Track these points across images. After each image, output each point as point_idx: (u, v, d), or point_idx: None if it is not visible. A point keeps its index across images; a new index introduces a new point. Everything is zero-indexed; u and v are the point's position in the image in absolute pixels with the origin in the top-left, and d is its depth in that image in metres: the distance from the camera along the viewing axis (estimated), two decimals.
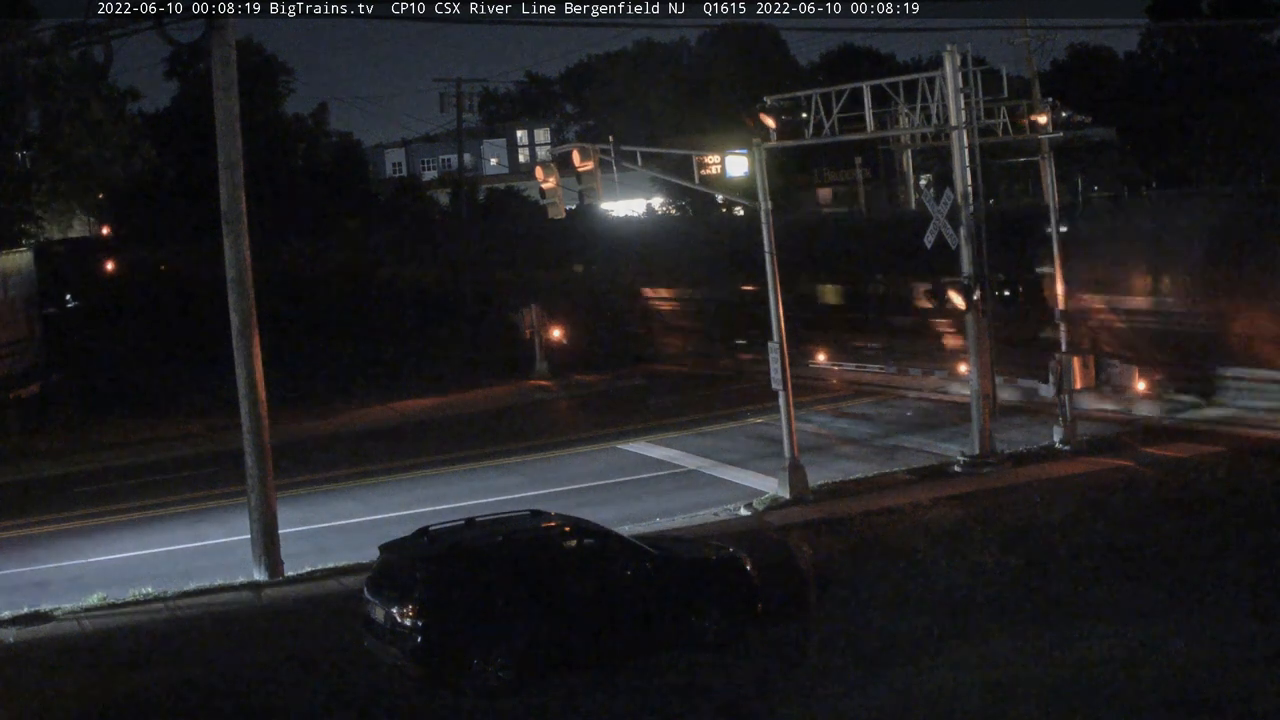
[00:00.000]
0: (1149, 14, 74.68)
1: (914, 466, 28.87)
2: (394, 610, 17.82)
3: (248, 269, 24.00)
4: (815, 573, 22.09)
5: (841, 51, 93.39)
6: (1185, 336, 33.44)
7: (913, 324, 42.24)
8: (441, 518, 22.49)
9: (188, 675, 19.39)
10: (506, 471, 31.88)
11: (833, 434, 33.54)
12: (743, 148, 28.93)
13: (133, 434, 39.65)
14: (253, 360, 24.08)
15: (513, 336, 48.35)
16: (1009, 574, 21.14)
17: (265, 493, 24.22)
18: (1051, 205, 31.46)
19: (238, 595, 23.28)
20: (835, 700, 16.66)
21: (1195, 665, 16.74)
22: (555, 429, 37.02)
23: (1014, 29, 45.86)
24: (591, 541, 18.95)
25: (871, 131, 29.03)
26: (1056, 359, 29.83)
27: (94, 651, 20.74)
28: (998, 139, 30.41)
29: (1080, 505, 25.00)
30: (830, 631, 19.26)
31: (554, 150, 78.86)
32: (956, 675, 16.99)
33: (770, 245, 27.28)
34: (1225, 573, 20.26)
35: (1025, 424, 32.12)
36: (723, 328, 50.37)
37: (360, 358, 50.97)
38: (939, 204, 28.33)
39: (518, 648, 17.82)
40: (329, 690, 18.26)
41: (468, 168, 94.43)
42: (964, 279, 27.96)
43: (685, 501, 27.67)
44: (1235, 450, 28.08)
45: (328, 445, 36.73)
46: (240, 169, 23.88)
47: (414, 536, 19.22)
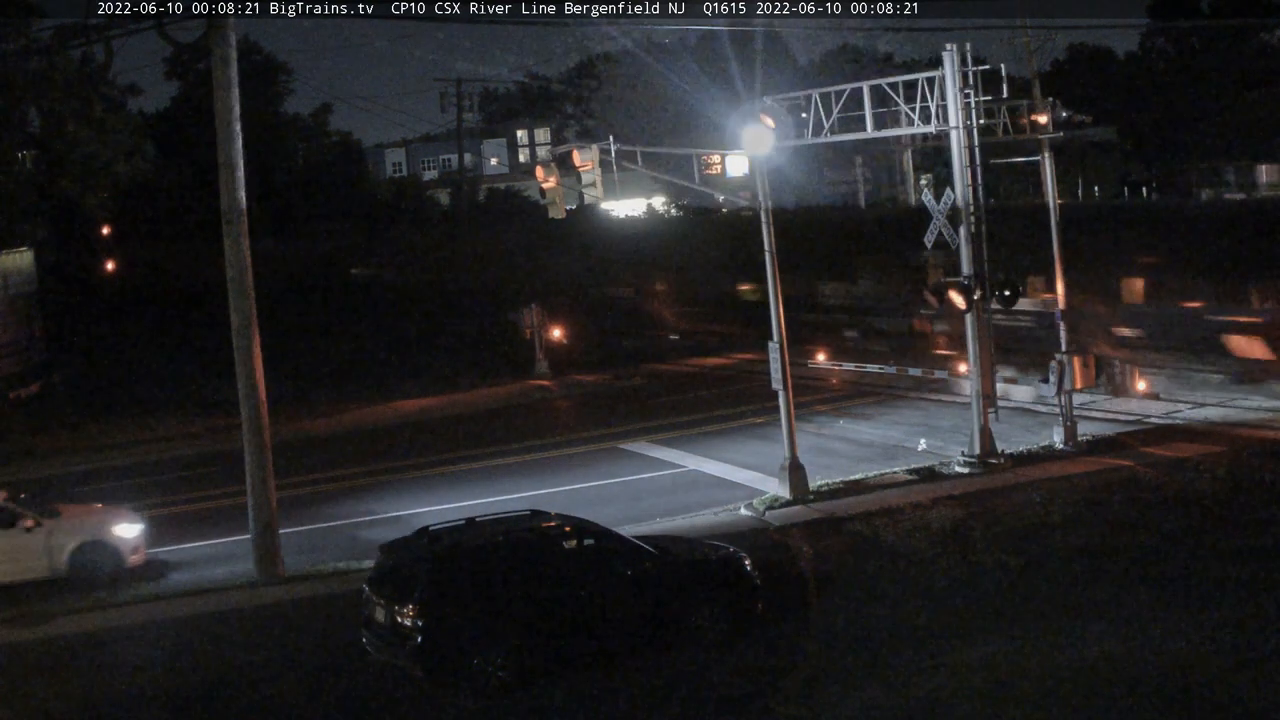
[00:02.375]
0: (1149, 14, 74.83)
1: (914, 466, 28.86)
2: (394, 610, 17.82)
3: (248, 269, 23.99)
4: (815, 572, 22.11)
5: (841, 51, 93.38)
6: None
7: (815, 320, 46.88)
8: (441, 518, 22.53)
9: (188, 675, 19.41)
10: (506, 471, 31.87)
11: (833, 434, 33.53)
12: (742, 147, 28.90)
13: (133, 434, 39.63)
14: (253, 360, 24.08)
15: (513, 336, 48.34)
16: (1009, 574, 21.14)
17: (265, 493, 24.22)
18: (1051, 205, 31.45)
19: (238, 595, 23.29)
20: (836, 700, 16.67)
21: (1195, 665, 16.75)
22: (555, 429, 37.01)
23: (1014, 29, 45.78)
24: (591, 541, 18.94)
25: (871, 131, 29.01)
26: (1056, 359, 29.83)
27: (94, 651, 20.75)
28: (998, 139, 30.38)
29: (1080, 505, 25.01)
30: (830, 631, 19.27)
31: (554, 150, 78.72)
32: (956, 675, 17.00)
33: (770, 245, 27.28)
34: (1225, 573, 20.25)
35: (1025, 424, 32.12)
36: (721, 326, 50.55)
37: (360, 357, 50.97)
38: (939, 204, 28.32)
39: (518, 648, 17.83)
40: (329, 690, 18.28)
41: (468, 168, 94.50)
42: (964, 279, 27.94)
43: (685, 501, 27.66)
44: (1235, 450, 28.08)
45: (328, 445, 36.73)
46: (240, 169, 23.87)
47: (414, 536, 19.23)
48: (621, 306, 61.67)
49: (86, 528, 25.09)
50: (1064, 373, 29.48)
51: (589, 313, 56.56)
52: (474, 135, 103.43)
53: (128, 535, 25.15)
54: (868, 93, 28.16)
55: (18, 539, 24.33)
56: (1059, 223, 31.09)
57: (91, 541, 24.79)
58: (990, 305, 28.40)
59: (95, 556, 24.70)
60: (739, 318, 50.47)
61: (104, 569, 24.64)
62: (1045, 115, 30.28)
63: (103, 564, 24.71)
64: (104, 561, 24.74)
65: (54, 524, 24.81)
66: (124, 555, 24.96)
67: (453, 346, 52.64)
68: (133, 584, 24.30)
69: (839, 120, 28.63)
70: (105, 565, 24.71)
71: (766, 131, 27.39)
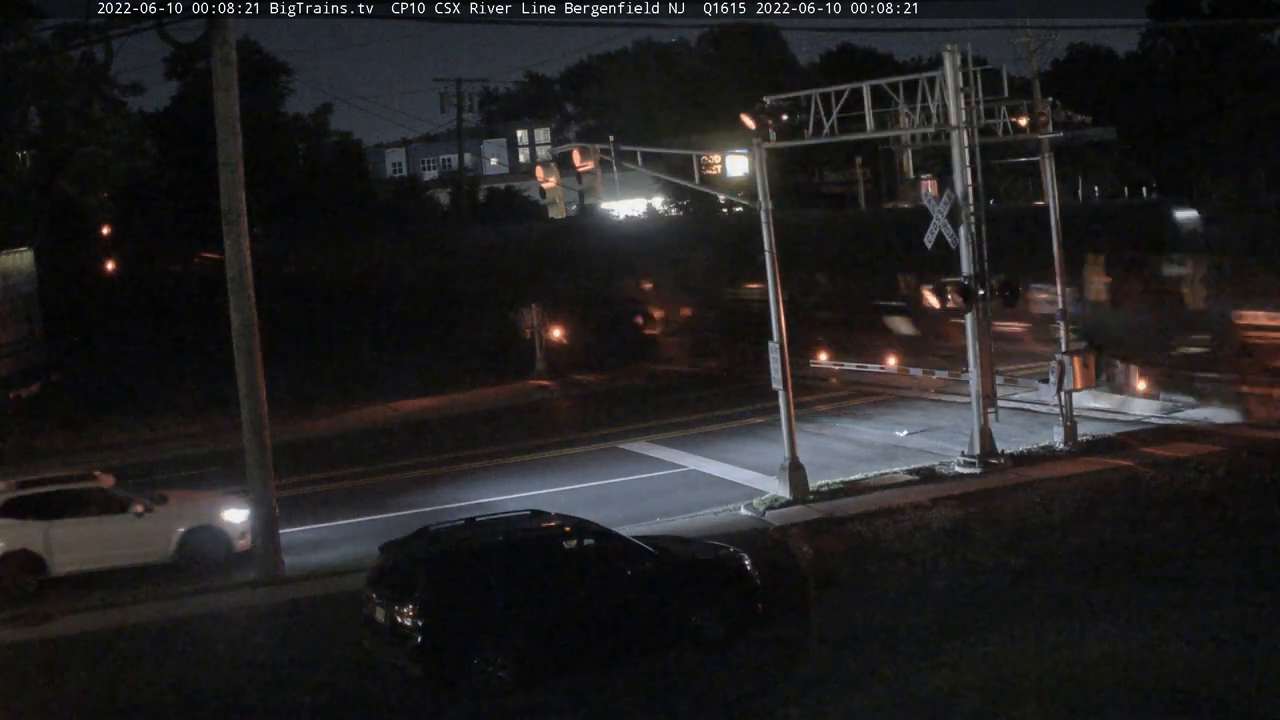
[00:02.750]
0: (1149, 14, 74.76)
1: (914, 466, 28.86)
2: (394, 610, 17.82)
3: (248, 269, 24.00)
4: (815, 572, 22.11)
5: (841, 51, 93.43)
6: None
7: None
8: (441, 518, 22.53)
9: (188, 675, 19.41)
10: (506, 471, 31.87)
11: (833, 434, 33.53)
12: (743, 148, 28.92)
13: (133, 434, 39.62)
14: (253, 360, 24.07)
15: (513, 336, 48.33)
16: (1009, 574, 21.14)
17: (265, 493, 24.23)
18: (1051, 205, 31.46)
19: (237, 595, 23.29)
20: (836, 700, 16.66)
21: (1195, 665, 16.74)
22: (555, 429, 37.00)
23: (1014, 29, 45.81)
24: (591, 541, 18.95)
25: (871, 131, 29.00)
26: (1057, 359, 29.83)
27: (94, 651, 20.75)
28: (998, 139, 30.38)
29: (1080, 505, 25.01)
30: (830, 631, 19.27)
31: (554, 150, 78.80)
32: (956, 675, 16.98)
33: (770, 245, 27.28)
34: (1225, 573, 20.26)
35: (1026, 424, 32.12)
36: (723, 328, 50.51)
37: (360, 357, 50.94)
38: (939, 204, 28.31)
39: (518, 648, 17.84)
40: (329, 690, 18.27)
41: (468, 168, 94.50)
42: (964, 279, 27.93)
43: (685, 501, 27.66)
44: (1235, 450, 28.07)
45: (328, 445, 36.72)
46: (240, 169, 23.87)
47: (414, 536, 19.23)
48: (622, 306, 61.62)
49: (195, 513, 25.52)
50: (1064, 373, 29.47)
51: (589, 312, 56.51)
52: (474, 135, 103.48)
53: (235, 520, 25.45)
54: (868, 92, 28.15)
55: (129, 525, 24.68)
56: (1059, 223, 31.10)
57: (201, 527, 25.19)
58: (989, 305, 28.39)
59: (204, 542, 25.08)
60: (739, 317, 50.46)
61: (213, 554, 25.02)
62: (1045, 115, 30.29)
63: (212, 549, 25.08)
64: (213, 547, 25.11)
65: (163, 510, 25.18)
66: (232, 540, 25.30)
67: (453, 346, 52.62)
68: (241, 569, 24.46)
69: (839, 120, 28.60)
70: (214, 550, 25.09)
71: (765, 131, 27.42)
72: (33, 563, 24.27)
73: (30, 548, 24.27)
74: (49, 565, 24.36)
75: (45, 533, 24.38)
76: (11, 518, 24.50)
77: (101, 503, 24.95)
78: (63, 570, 24.44)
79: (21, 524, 24.43)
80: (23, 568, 24.25)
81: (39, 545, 24.31)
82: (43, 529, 24.39)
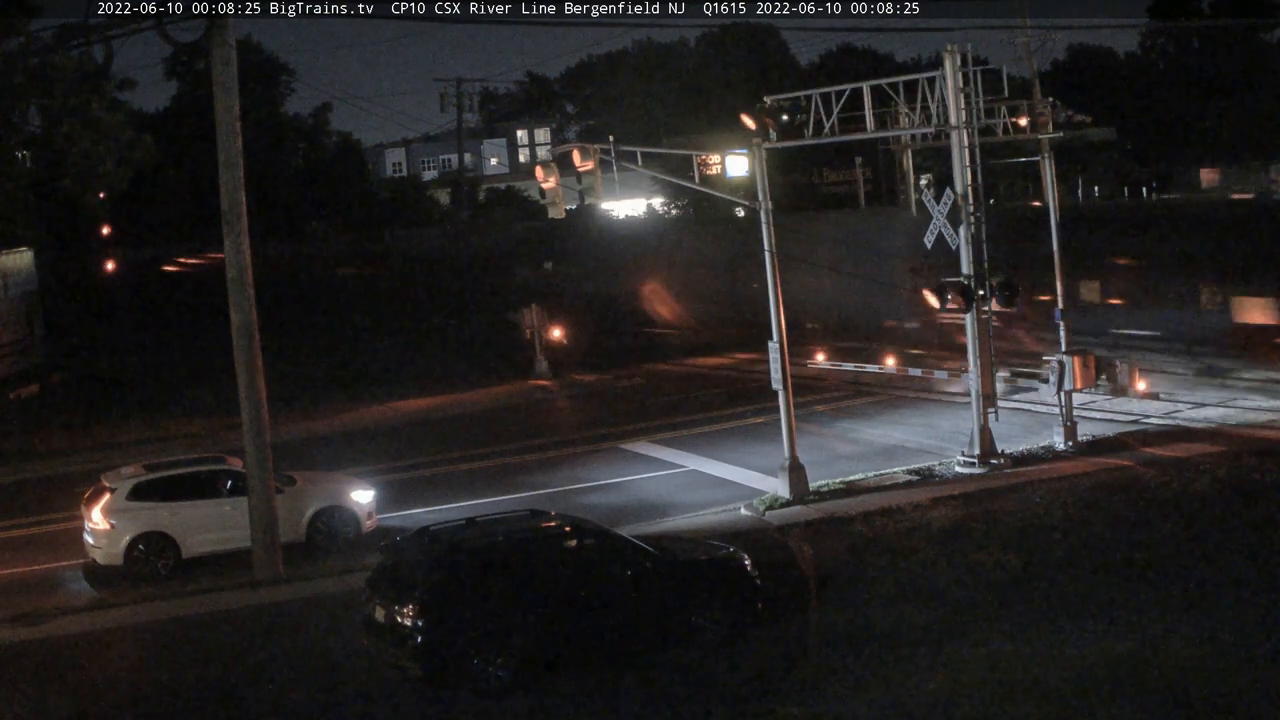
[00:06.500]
0: (1149, 14, 74.85)
1: (914, 466, 28.87)
2: (394, 610, 17.83)
3: (248, 269, 24.00)
4: (815, 572, 22.10)
5: (841, 51, 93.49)
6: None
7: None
8: (441, 518, 22.53)
9: (188, 675, 19.40)
10: (506, 471, 31.86)
11: (833, 434, 33.53)
12: (743, 148, 28.92)
13: (133, 434, 39.60)
14: (253, 360, 24.07)
15: (513, 336, 48.33)
16: (1009, 574, 21.14)
17: (265, 493, 24.23)
18: (1051, 205, 31.45)
19: (237, 595, 23.28)
20: (836, 700, 16.66)
21: (1195, 665, 16.74)
22: (555, 429, 37.00)
23: (1014, 29, 45.89)
24: (591, 541, 18.95)
25: (871, 131, 29.01)
26: (1056, 359, 29.82)
27: (94, 651, 20.75)
28: (998, 139, 30.39)
29: (1080, 505, 25.00)
30: (831, 631, 19.26)
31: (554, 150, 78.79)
32: (956, 675, 16.99)
33: (770, 245, 27.28)
34: (1225, 573, 20.27)
35: (1026, 424, 32.12)
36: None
37: (360, 357, 50.96)
38: (939, 204, 28.31)
39: (518, 647, 17.83)
40: (329, 690, 18.27)
41: (468, 168, 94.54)
42: (964, 278, 27.93)
43: (685, 501, 27.66)
44: (1235, 450, 28.07)
45: (327, 445, 36.68)
46: (240, 169, 23.87)
47: (414, 536, 19.23)
48: (622, 306, 61.65)
49: (324, 494, 25.83)
50: (1064, 373, 29.47)
51: (589, 312, 56.54)
52: (474, 135, 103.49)
53: (363, 501, 25.76)
54: (868, 92, 28.15)
55: None
56: (1059, 223, 31.10)
57: (330, 507, 25.52)
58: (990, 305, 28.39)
59: (333, 522, 25.45)
60: (739, 317, 50.50)
61: (342, 534, 25.34)
62: (1045, 115, 30.30)
63: (341, 529, 25.43)
64: (342, 527, 25.47)
65: (292, 490, 25.39)
66: (361, 520, 25.56)
67: (453, 346, 52.64)
68: (369, 549, 24.11)
69: (839, 120, 28.60)
70: (343, 530, 25.43)
71: (765, 131, 27.39)
72: (166, 545, 24.56)
73: (164, 530, 24.54)
74: (181, 547, 24.65)
75: (177, 515, 24.66)
76: (143, 500, 24.73)
77: (232, 484, 25.14)
78: (195, 552, 24.78)
79: (153, 506, 24.71)
80: (156, 550, 24.56)
81: (172, 528, 24.59)
82: (174, 511, 24.69)
